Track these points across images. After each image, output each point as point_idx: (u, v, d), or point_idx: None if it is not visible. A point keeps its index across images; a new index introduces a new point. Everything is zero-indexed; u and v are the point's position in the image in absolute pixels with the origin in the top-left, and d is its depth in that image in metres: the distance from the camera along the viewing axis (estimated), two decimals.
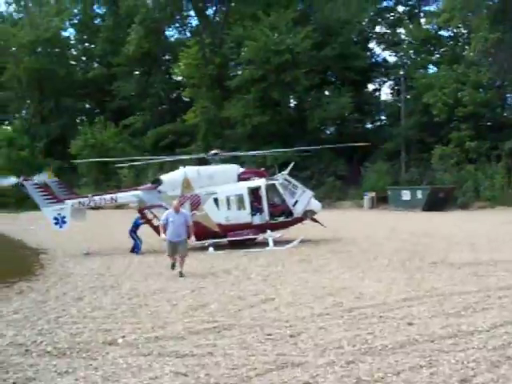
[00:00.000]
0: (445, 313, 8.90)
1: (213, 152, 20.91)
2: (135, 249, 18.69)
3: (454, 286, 11.03)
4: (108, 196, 20.13)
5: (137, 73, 57.45)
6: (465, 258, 14.83)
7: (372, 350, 7.11)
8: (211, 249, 18.20)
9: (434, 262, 14.19)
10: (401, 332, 7.86)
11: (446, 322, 8.34)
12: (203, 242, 18.43)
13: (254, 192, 19.39)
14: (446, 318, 8.59)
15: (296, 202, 19.45)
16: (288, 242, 18.79)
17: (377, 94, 51.82)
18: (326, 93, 46.14)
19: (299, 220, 19.73)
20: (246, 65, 43.88)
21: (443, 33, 46.20)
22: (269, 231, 18.85)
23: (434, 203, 33.83)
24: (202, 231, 18.45)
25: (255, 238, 19.32)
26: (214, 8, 50.49)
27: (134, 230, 19.07)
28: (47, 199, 19.15)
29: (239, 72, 46.51)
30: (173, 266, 13.74)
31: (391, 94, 50.86)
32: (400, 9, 53.25)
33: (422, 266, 13.80)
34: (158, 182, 19.52)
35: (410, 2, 53.16)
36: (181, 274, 13.21)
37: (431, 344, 7.27)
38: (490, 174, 36.16)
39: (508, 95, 41.59)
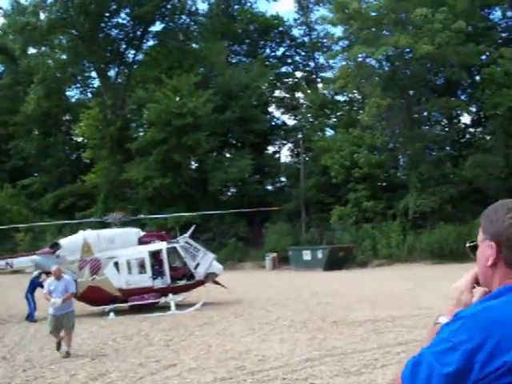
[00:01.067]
0: (346, 371, 9.03)
1: (113, 215, 20.61)
2: (29, 316, 17.70)
3: (354, 344, 11.24)
4: (2, 261, 19.30)
5: (36, 132, 56.15)
6: (365, 315, 15.16)
7: None
8: (112, 314, 17.70)
9: (335, 321, 14.41)
10: None
11: (348, 380, 8.46)
12: (104, 307, 17.96)
13: (155, 255, 19.19)
14: (347, 376, 8.72)
15: (197, 264, 19.37)
16: (190, 305, 18.58)
17: (277, 156, 52.99)
18: (227, 155, 46.84)
19: (201, 283, 19.62)
20: (148, 127, 43.93)
21: (339, 98, 48.33)
22: (170, 295, 18.60)
23: (334, 262, 34.55)
24: (103, 296, 18.04)
25: (157, 302, 19.00)
26: (116, 69, 50.55)
27: (30, 291, 18.02)
28: None
29: (141, 134, 46.42)
30: (58, 347, 11.77)
31: (291, 156, 52.20)
32: (298, 74, 55.42)
33: (324, 325, 13.99)
34: (56, 247, 18.92)
35: (308, 68, 55.43)
36: (67, 355, 11.27)
37: None
38: (386, 232, 37.50)
39: (400, 157, 43.66)
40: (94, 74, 53.46)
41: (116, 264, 18.51)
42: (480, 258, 1.95)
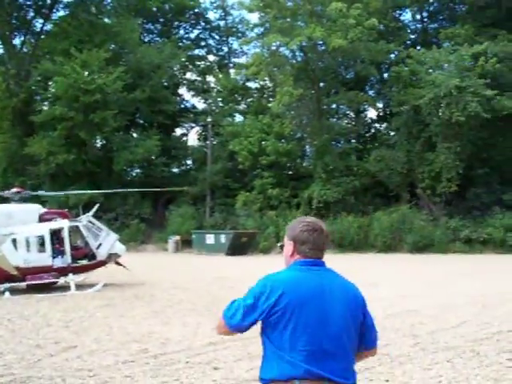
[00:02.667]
0: (249, 356, 9.06)
1: (14, 190, 19.79)
2: None
3: (257, 329, 11.29)
4: None
5: None
6: None
7: None
8: (7, 293, 17.02)
9: None
10: (207, 377, 7.87)
11: (251, 364, 8.48)
12: None
13: (56, 233, 18.56)
14: (250, 360, 8.75)
15: (100, 244, 18.91)
16: (91, 285, 18.15)
17: (184, 138, 52.59)
18: (134, 135, 46.01)
19: (103, 263, 19.17)
20: (54, 101, 42.39)
21: (250, 84, 48.46)
22: (71, 275, 18.08)
23: (237, 247, 34.77)
24: None
25: (56, 282, 18.44)
26: (22, 38, 48.35)
27: None
28: None
29: (45, 108, 44.74)
30: None
31: (198, 139, 51.90)
32: (211, 58, 55.12)
33: None
34: None
35: (221, 53, 55.24)
36: None
37: None
38: (290, 220, 37.81)
39: (307, 147, 44.41)
40: None
41: (14, 241, 17.77)
42: (285, 251, 3.55)
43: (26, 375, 8.00)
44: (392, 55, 42.18)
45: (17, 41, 48.39)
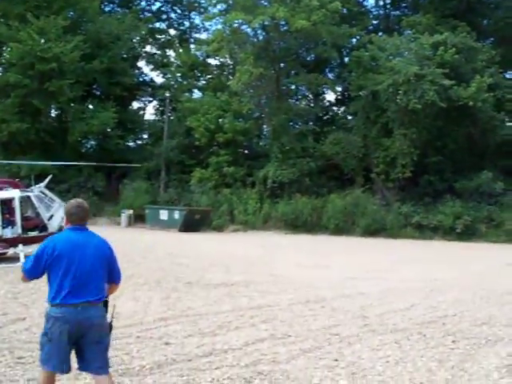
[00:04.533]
0: (200, 332, 9.11)
1: None
2: None
3: (209, 306, 11.35)
4: None
5: None
6: (219, 278, 15.36)
7: (130, 370, 7.00)
8: None
9: (190, 282, 14.48)
10: (158, 352, 7.86)
11: (202, 341, 8.53)
12: None
13: (6, 203, 18.19)
14: (201, 337, 8.79)
15: (51, 216, 18.61)
16: None
17: (141, 112, 51.95)
18: (90, 106, 45.21)
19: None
20: (8, 67, 41.25)
21: (211, 61, 48.13)
22: (20, 246, 17.78)
23: (191, 224, 34.69)
24: None
25: (5, 253, 18.10)
26: None
27: None
28: None
29: None
30: None
31: (155, 114, 51.40)
32: (172, 32, 54.45)
33: (178, 285, 14.00)
34: None
35: (182, 28, 54.63)
36: None
37: (188, 363, 7.38)
38: (244, 199, 38.15)
39: (265, 127, 44.42)
40: None
41: None
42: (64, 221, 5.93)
43: None
44: (353, 40, 42.38)
45: None
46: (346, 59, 44.10)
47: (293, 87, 44.37)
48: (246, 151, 43.47)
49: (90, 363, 5.22)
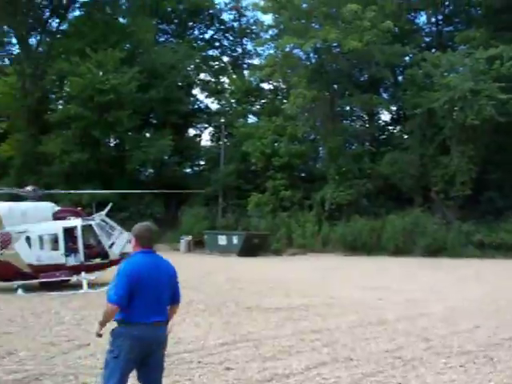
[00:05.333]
0: (261, 356, 9.09)
1: (28, 188, 19.92)
2: None
3: (269, 331, 11.32)
4: None
5: None
6: (279, 302, 15.30)
7: None
8: (20, 290, 17.14)
9: (250, 307, 14.48)
10: (219, 377, 7.88)
11: (263, 365, 8.51)
12: (12, 283, 17.39)
13: (70, 232, 18.63)
14: (262, 361, 8.77)
15: (113, 243, 18.98)
16: (103, 284, 18.18)
17: (197, 139, 52.67)
18: (147, 135, 46.13)
19: (115, 262, 19.18)
20: (68, 100, 42.61)
21: (264, 85, 48.47)
22: (83, 273, 18.17)
23: (249, 249, 34.75)
24: (12, 271, 17.45)
25: (69, 280, 18.51)
26: (38, 38, 48.64)
27: None
28: None
29: (60, 107, 44.97)
30: None
31: (211, 140, 51.97)
32: (225, 59, 55.22)
33: (238, 310, 14.03)
34: None
35: (235, 54, 55.33)
36: None
37: None
38: (302, 222, 38.05)
39: (320, 149, 44.32)
40: (14, 40, 51.29)
41: (28, 239, 17.86)
42: (132, 244, 5.73)
43: (39, 372, 8.05)
44: (406, 58, 41.97)
45: (33, 40, 48.78)
46: (400, 78, 43.69)
47: (347, 108, 44.20)
48: (303, 174, 43.45)
49: (153, 382, 5.50)
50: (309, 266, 28.01)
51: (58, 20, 47.86)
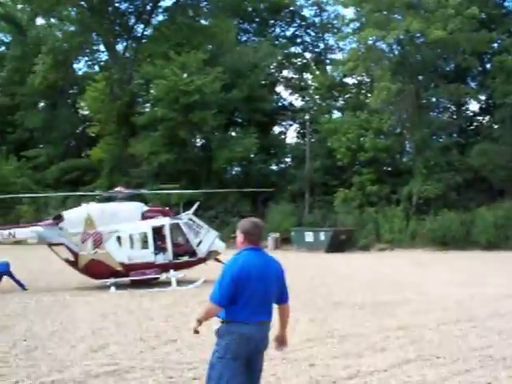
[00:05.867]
0: (346, 353, 9.04)
1: (117, 189, 20.59)
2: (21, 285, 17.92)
3: (355, 327, 11.24)
4: (5, 231, 19.29)
5: (42, 104, 56.05)
6: (366, 298, 15.17)
7: None
8: (113, 288, 17.75)
9: (336, 303, 14.43)
10: (303, 373, 7.90)
11: (347, 362, 8.46)
12: (105, 280, 18.05)
13: (158, 231, 19.13)
14: (346, 358, 8.72)
15: (200, 242, 19.31)
16: (191, 282, 18.58)
17: (282, 136, 52.82)
18: (233, 133, 46.71)
19: (203, 260, 19.57)
20: (155, 103, 43.74)
21: (348, 80, 48.01)
22: (172, 271, 18.61)
23: (337, 245, 34.58)
24: (104, 270, 18.10)
25: (158, 278, 19.02)
26: (125, 44, 50.24)
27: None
28: None
29: (147, 109, 46.23)
30: None
31: (297, 137, 52.01)
32: (307, 55, 55.11)
33: (325, 306, 14.00)
34: (59, 219, 18.93)
35: (317, 50, 55.11)
36: None
37: None
38: (389, 217, 37.47)
39: (406, 142, 43.47)
40: (102, 47, 53.17)
41: (118, 238, 18.49)
42: (238, 240, 5.41)
43: (129, 365, 8.35)
44: (495, 44, 40.52)
45: (119, 46, 50.39)
46: (488, 65, 42.17)
47: (433, 100, 43.14)
48: (389, 168, 42.74)
49: (254, 382, 5.36)
50: (397, 262, 27.58)
51: (142, 25, 49.21)
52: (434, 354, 8.98)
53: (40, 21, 53.83)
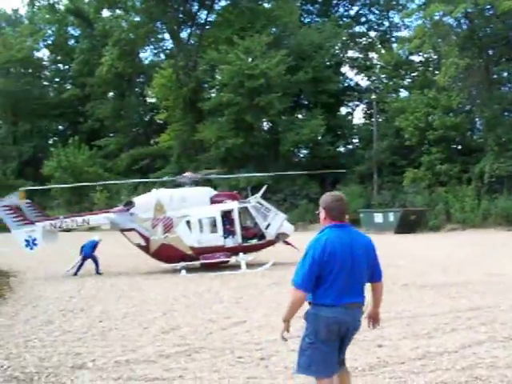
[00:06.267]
0: (415, 334, 8.96)
1: (186, 174, 20.93)
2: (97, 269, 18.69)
3: (425, 308, 11.12)
4: (79, 218, 20.00)
5: (111, 94, 57.43)
6: (436, 279, 14.96)
7: None
8: (184, 271, 18.13)
9: (406, 284, 14.28)
10: (371, 354, 7.89)
11: (416, 343, 8.39)
12: (176, 264, 18.44)
13: (227, 215, 19.35)
14: (415, 339, 8.65)
15: (268, 224, 19.43)
16: (260, 264, 18.75)
17: (349, 117, 52.44)
18: (299, 116, 46.58)
19: (272, 243, 19.70)
20: (220, 88, 44.09)
21: (414, 58, 47.10)
22: (241, 254, 18.83)
23: (406, 225, 34.12)
24: (175, 254, 18.49)
25: (228, 261, 19.28)
26: (189, 31, 50.80)
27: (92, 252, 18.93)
28: (17, 221, 18.99)
29: (213, 95, 46.70)
30: None
31: (364, 117, 51.51)
32: (372, 34, 54.36)
33: (394, 288, 13.85)
34: (130, 205, 19.44)
35: (382, 28, 54.23)
36: None
37: (401, 366, 7.30)
38: (460, 196, 36.67)
39: (477, 119, 42.35)
40: (166, 35, 53.91)
41: (188, 223, 18.82)
42: (321, 217, 5.16)
43: (199, 346, 8.55)
44: None
45: (184, 34, 51.03)
46: None
47: (505, 74, 41.76)
48: (459, 147, 41.81)
49: (340, 363, 5.23)
50: (468, 242, 27.00)
51: (205, 12, 49.59)
52: (507, 335, 8.78)
53: (106, 13, 55.04)
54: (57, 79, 64.41)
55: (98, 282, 16.82)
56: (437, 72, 41.62)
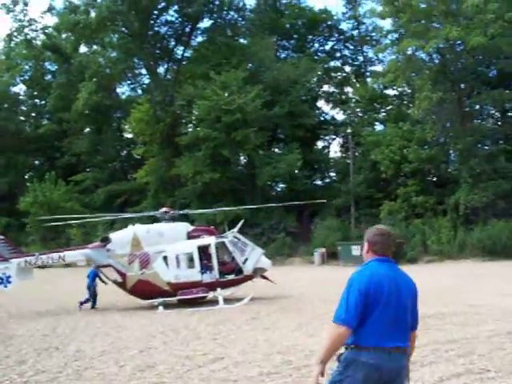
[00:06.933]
0: None
1: (162, 210, 20.86)
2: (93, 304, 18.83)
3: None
4: (55, 254, 19.77)
5: (87, 129, 57.32)
6: None
7: None
8: (161, 308, 17.95)
9: None
10: None
11: None
12: (153, 300, 18.26)
13: (204, 250, 19.28)
14: None
15: (246, 259, 19.37)
16: (238, 299, 18.65)
17: (326, 151, 52.82)
18: (276, 150, 46.85)
19: (249, 278, 19.62)
20: (197, 123, 44.26)
21: (388, 92, 47.80)
22: (219, 289, 18.72)
23: None
24: (152, 290, 18.32)
25: (205, 297, 19.15)
26: (166, 66, 51.16)
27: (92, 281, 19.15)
28: None
29: (190, 130, 46.83)
30: None
31: (340, 151, 51.92)
32: (347, 68, 55.15)
33: None
34: (106, 241, 19.28)
35: (356, 63, 55.08)
36: None
37: None
38: (436, 228, 36.94)
39: (451, 151, 42.90)
40: (143, 71, 54.19)
41: (165, 258, 18.72)
42: (364, 250, 4.67)
43: None
44: None
45: (161, 69, 51.36)
46: None
47: (477, 107, 42.54)
48: (434, 179, 42.30)
49: None
50: (446, 273, 27.15)
51: (182, 47, 50.08)
52: (484, 367, 8.80)
53: (83, 49, 55.28)
54: (33, 114, 64.17)
55: (73, 319, 16.57)
56: (411, 105, 42.25)
